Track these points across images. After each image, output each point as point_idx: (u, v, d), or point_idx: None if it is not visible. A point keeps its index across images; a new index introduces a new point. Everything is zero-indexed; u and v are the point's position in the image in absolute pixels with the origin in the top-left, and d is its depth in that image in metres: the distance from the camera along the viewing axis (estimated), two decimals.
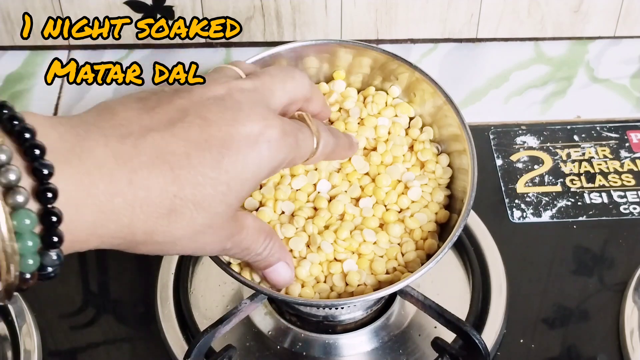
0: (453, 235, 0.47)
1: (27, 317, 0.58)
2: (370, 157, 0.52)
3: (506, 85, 0.75)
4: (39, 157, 0.30)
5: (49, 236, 0.31)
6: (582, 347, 0.56)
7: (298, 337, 0.56)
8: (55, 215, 0.31)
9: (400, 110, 0.54)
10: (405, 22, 0.75)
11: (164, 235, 0.36)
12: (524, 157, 0.69)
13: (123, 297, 0.61)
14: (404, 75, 0.53)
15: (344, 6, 0.73)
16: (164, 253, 0.38)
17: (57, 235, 0.31)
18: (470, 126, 0.50)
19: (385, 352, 0.55)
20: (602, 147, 0.69)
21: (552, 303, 0.59)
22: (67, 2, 0.73)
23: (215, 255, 0.46)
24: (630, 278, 0.59)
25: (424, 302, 0.50)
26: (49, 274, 0.32)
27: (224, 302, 0.59)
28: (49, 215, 0.31)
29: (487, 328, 0.56)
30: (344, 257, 0.49)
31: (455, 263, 0.61)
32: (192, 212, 0.35)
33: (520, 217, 0.65)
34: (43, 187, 0.30)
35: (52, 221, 0.31)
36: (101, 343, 0.58)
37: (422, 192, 0.51)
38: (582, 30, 0.76)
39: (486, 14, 0.75)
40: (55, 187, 0.31)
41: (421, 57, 0.76)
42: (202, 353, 0.50)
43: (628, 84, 0.74)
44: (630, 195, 0.66)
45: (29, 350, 0.56)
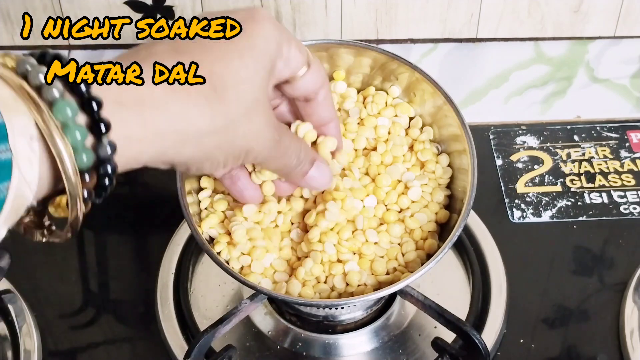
0: (453, 235, 0.47)
1: (27, 317, 0.58)
2: (370, 157, 0.52)
3: (506, 85, 0.75)
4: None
5: (95, 124, 0.32)
6: (582, 347, 0.56)
7: (298, 337, 0.56)
8: (95, 100, 0.32)
9: (400, 110, 0.54)
10: (405, 22, 0.75)
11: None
12: (524, 157, 0.69)
13: (123, 297, 0.61)
14: (404, 75, 0.53)
15: (344, 6, 0.73)
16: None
17: (103, 121, 0.32)
18: (470, 126, 0.50)
19: (385, 352, 0.55)
20: (602, 147, 0.69)
21: (552, 303, 0.59)
22: (67, 2, 0.73)
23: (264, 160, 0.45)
24: (630, 278, 0.59)
25: (424, 302, 0.50)
26: (107, 174, 0.33)
27: (224, 302, 0.59)
28: (90, 102, 0.32)
29: (487, 328, 0.56)
30: (346, 257, 0.49)
31: (455, 263, 0.61)
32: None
33: (520, 217, 0.65)
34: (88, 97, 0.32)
35: (93, 108, 0.32)
36: (101, 343, 0.58)
37: (422, 192, 0.51)
38: (582, 30, 0.76)
39: (486, 14, 0.75)
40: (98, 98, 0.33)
41: (421, 57, 0.76)
42: (202, 353, 0.50)
43: (628, 84, 0.74)
44: (630, 195, 0.66)
45: (29, 350, 0.56)
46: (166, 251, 0.61)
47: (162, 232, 0.63)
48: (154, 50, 0.37)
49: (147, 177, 0.70)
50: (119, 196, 0.69)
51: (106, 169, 0.33)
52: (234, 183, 0.47)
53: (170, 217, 0.63)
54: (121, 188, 0.69)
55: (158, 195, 0.69)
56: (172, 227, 0.63)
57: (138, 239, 0.66)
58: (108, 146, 0.33)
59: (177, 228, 0.63)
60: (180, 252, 0.61)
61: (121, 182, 0.73)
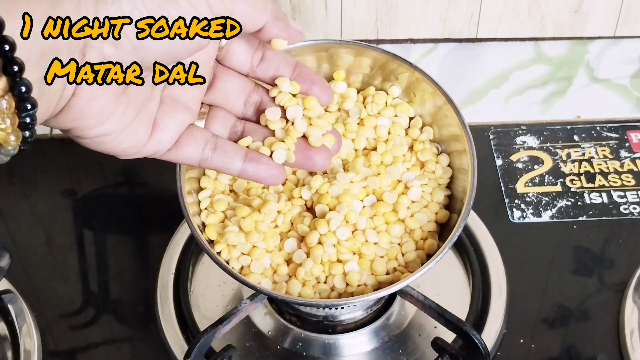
0: (453, 235, 0.47)
1: (27, 317, 0.58)
2: (370, 157, 0.52)
3: (506, 85, 0.75)
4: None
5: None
6: (582, 347, 0.56)
7: (298, 337, 0.56)
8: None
9: (400, 110, 0.54)
10: (405, 22, 0.75)
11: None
12: (524, 157, 0.69)
13: (123, 297, 0.61)
14: (404, 75, 0.53)
15: (344, 6, 0.73)
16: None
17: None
18: (470, 126, 0.50)
19: (385, 352, 0.55)
20: (602, 147, 0.69)
21: (552, 303, 0.59)
22: None
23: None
24: (630, 278, 0.59)
25: (424, 302, 0.50)
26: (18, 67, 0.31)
27: (224, 302, 0.59)
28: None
29: (487, 328, 0.56)
30: (346, 257, 0.49)
31: (455, 263, 0.61)
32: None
33: (520, 217, 0.65)
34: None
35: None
36: (101, 343, 0.58)
37: (422, 192, 0.51)
38: (582, 30, 0.76)
39: (486, 14, 0.75)
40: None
41: (421, 57, 0.76)
42: (202, 353, 0.50)
43: (628, 84, 0.74)
44: (630, 195, 0.66)
45: (29, 350, 0.56)
46: (166, 251, 0.61)
47: (162, 232, 0.63)
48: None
49: (147, 177, 0.70)
50: (119, 196, 0.69)
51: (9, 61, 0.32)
52: (258, 164, 0.46)
53: (170, 217, 0.63)
54: (121, 188, 0.70)
55: (158, 195, 0.69)
56: (172, 227, 0.63)
57: (138, 239, 0.66)
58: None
59: (177, 228, 0.63)
60: (180, 252, 0.61)
61: (121, 182, 0.74)
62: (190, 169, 0.50)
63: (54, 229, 0.66)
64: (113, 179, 0.70)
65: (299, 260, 0.49)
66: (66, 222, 0.67)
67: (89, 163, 0.70)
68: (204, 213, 0.51)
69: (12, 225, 0.66)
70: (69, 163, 0.71)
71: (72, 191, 0.69)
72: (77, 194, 0.69)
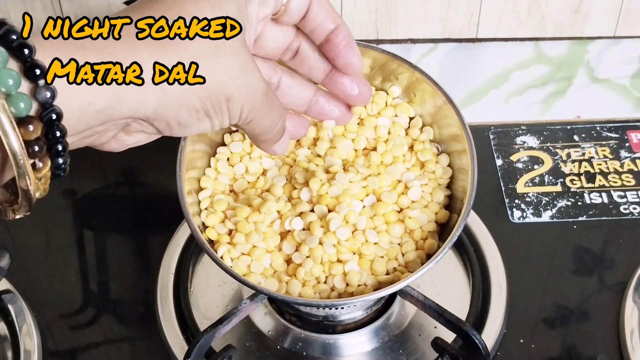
0: (453, 235, 0.47)
1: (27, 317, 0.58)
2: (370, 157, 0.52)
3: (506, 85, 0.75)
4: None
5: (29, 68, 0.31)
6: (582, 347, 0.56)
7: (298, 337, 0.56)
8: (27, 46, 0.31)
9: (400, 110, 0.54)
10: (405, 22, 0.75)
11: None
12: (524, 157, 0.69)
13: (123, 297, 0.61)
14: (404, 75, 0.53)
15: (344, 6, 0.73)
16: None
17: (36, 64, 0.31)
18: (470, 126, 0.50)
19: (385, 352, 0.55)
20: (602, 147, 0.69)
21: (552, 303, 0.59)
22: (67, 2, 0.73)
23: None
24: (630, 278, 0.59)
25: (424, 302, 0.50)
26: (53, 123, 0.31)
27: (224, 302, 0.59)
28: (21, 48, 0.31)
29: (487, 328, 0.56)
30: (346, 257, 0.49)
31: (455, 263, 0.61)
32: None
33: (520, 217, 0.65)
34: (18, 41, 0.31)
35: (24, 53, 0.31)
36: (101, 343, 0.58)
37: (422, 192, 0.51)
38: (582, 30, 0.76)
39: (486, 14, 0.75)
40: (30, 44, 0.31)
41: (421, 57, 0.76)
42: (202, 353, 0.50)
43: (628, 84, 0.74)
44: (630, 195, 0.66)
45: (29, 350, 0.56)
46: (166, 251, 0.61)
47: (162, 232, 0.63)
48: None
49: (147, 177, 0.70)
50: (119, 196, 0.69)
51: (50, 116, 0.31)
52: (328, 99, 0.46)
53: (170, 217, 0.63)
54: (121, 188, 0.70)
55: (158, 195, 0.69)
56: (172, 227, 0.63)
57: (138, 239, 0.66)
58: (46, 90, 0.31)
59: (177, 228, 0.63)
60: (180, 252, 0.61)
61: (121, 182, 0.74)
62: (190, 169, 0.50)
63: (54, 229, 0.66)
64: (113, 179, 0.70)
65: (299, 260, 0.49)
66: (66, 222, 0.67)
67: (89, 163, 0.70)
68: (204, 213, 0.51)
69: (12, 225, 0.66)
70: (69, 163, 0.71)
71: (72, 191, 0.69)
72: (77, 194, 0.69)
